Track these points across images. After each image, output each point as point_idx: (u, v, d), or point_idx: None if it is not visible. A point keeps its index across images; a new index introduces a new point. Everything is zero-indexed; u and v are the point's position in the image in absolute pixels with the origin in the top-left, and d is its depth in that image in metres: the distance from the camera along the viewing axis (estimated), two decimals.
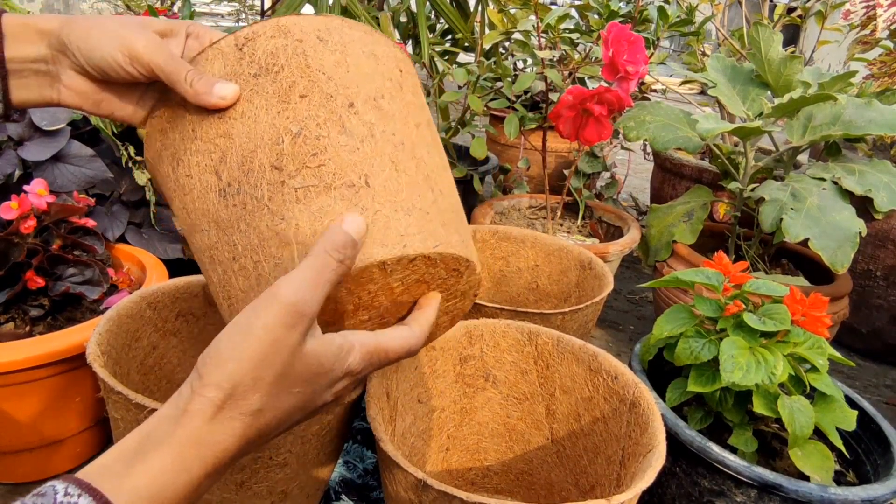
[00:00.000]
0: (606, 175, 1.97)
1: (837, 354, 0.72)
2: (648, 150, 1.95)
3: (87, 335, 0.73)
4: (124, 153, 1.07)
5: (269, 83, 0.43)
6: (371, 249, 0.40)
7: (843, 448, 0.70)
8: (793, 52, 1.23)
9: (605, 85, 1.09)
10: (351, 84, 0.44)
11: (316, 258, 0.36)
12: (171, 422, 0.32)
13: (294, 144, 0.41)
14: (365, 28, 0.47)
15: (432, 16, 1.80)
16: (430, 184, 0.45)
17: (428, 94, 1.44)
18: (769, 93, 1.19)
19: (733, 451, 0.70)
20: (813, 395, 0.72)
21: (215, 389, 0.32)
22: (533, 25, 1.33)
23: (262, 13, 1.81)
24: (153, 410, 0.53)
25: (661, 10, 1.33)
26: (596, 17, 1.38)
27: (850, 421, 0.71)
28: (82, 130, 1.08)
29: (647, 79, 1.72)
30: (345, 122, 0.42)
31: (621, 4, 1.43)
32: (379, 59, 0.47)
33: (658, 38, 1.36)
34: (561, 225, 1.47)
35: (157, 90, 0.48)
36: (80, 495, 0.29)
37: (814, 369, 0.71)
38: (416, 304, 0.46)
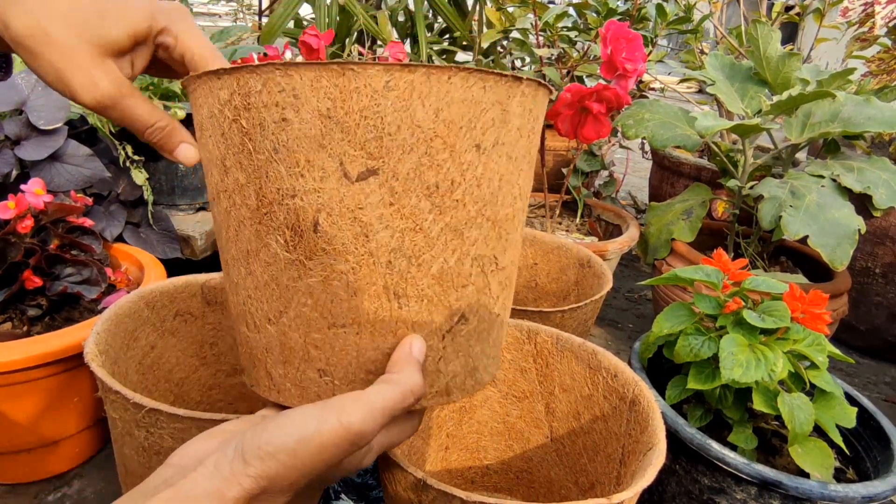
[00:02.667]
0: (605, 173, 1.97)
1: (837, 351, 0.72)
2: (647, 148, 1.95)
3: (85, 335, 0.73)
4: (122, 152, 1.06)
5: None
6: (423, 396, 0.38)
7: (843, 445, 0.70)
8: (791, 50, 1.23)
9: (604, 83, 1.09)
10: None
11: (396, 391, 0.34)
12: (208, 501, 0.32)
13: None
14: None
15: (430, 14, 1.80)
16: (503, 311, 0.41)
17: None
18: (768, 90, 1.19)
19: (733, 448, 0.70)
20: (813, 392, 0.72)
21: (254, 482, 0.32)
22: (531, 24, 1.33)
23: (260, 13, 1.81)
24: (152, 410, 0.53)
25: (659, 7, 1.33)
26: (594, 15, 1.38)
27: (849, 418, 0.71)
28: (80, 130, 1.07)
29: (646, 77, 1.72)
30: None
31: (619, 2, 1.43)
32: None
33: (656, 36, 1.36)
34: (560, 223, 1.47)
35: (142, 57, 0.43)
36: None
37: (813, 366, 0.71)
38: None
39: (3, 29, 0.37)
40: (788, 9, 1.66)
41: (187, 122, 1.12)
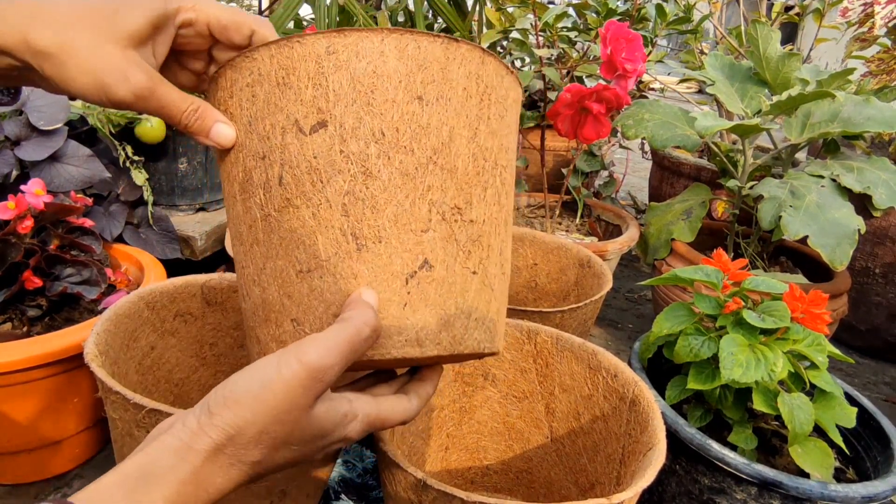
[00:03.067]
0: (605, 173, 1.97)
1: (837, 351, 0.72)
2: (647, 148, 1.95)
3: (85, 335, 0.73)
4: (122, 153, 1.06)
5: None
6: (392, 342, 0.39)
7: (843, 445, 0.70)
8: (791, 50, 1.23)
9: (604, 83, 1.09)
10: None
11: (349, 326, 0.35)
12: (175, 456, 0.32)
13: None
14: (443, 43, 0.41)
15: (430, 15, 1.80)
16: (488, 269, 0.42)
17: None
18: (767, 90, 1.19)
19: (733, 448, 0.70)
20: (813, 392, 0.72)
21: (221, 432, 0.32)
22: (531, 24, 1.33)
23: (260, 13, 1.81)
24: (152, 410, 0.53)
25: (659, 8, 1.33)
26: (594, 15, 1.38)
27: (849, 418, 0.71)
28: (80, 130, 1.07)
29: (646, 77, 1.72)
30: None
31: (619, 3, 1.43)
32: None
33: (656, 36, 1.36)
34: (559, 223, 1.47)
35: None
36: None
37: (813, 366, 0.71)
38: (418, 375, 0.44)
39: (25, 48, 0.37)
40: (788, 9, 1.66)
41: None
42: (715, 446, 0.68)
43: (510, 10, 1.39)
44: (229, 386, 0.34)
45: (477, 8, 1.66)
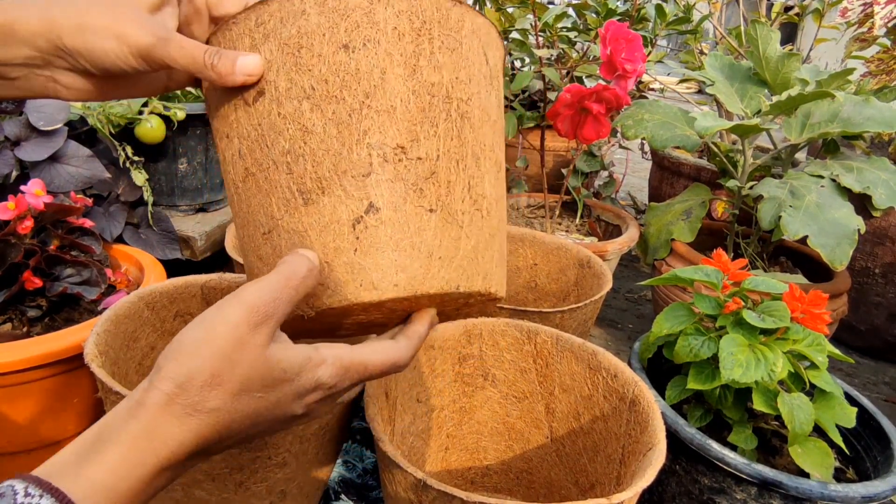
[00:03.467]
0: (605, 174, 1.97)
1: (837, 351, 0.72)
2: (646, 148, 1.95)
3: (84, 336, 0.73)
4: (122, 153, 1.07)
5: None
6: (347, 289, 0.39)
7: (842, 445, 0.70)
8: (790, 50, 1.23)
9: (603, 83, 1.09)
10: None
11: (282, 268, 0.37)
12: (126, 414, 0.32)
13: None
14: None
15: None
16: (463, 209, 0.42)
17: None
18: (767, 91, 1.19)
19: (733, 448, 0.70)
20: (812, 392, 0.72)
21: (170, 382, 0.32)
22: (531, 24, 1.33)
23: None
24: None
25: (658, 8, 1.33)
26: (594, 15, 1.38)
27: (849, 418, 0.71)
28: (80, 131, 1.07)
29: (645, 77, 1.72)
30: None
31: (619, 3, 1.44)
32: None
33: (656, 37, 1.36)
34: (559, 224, 1.47)
35: None
36: (41, 496, 0.28)
37: (813, 366, 0.71)
38: (409, 318, 0.43)
39: (49, 28, 0.39)
40: (788, 9, 1.66)
41: (187, 122, 1.12)
42: (715, 446, 0.68)
43: (510, 10, 1.39)
44: (175, 341, 0.34)
45: (477, 8, 1.66)
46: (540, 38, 1.38)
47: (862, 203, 1.03)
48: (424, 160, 0.40)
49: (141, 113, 1.08)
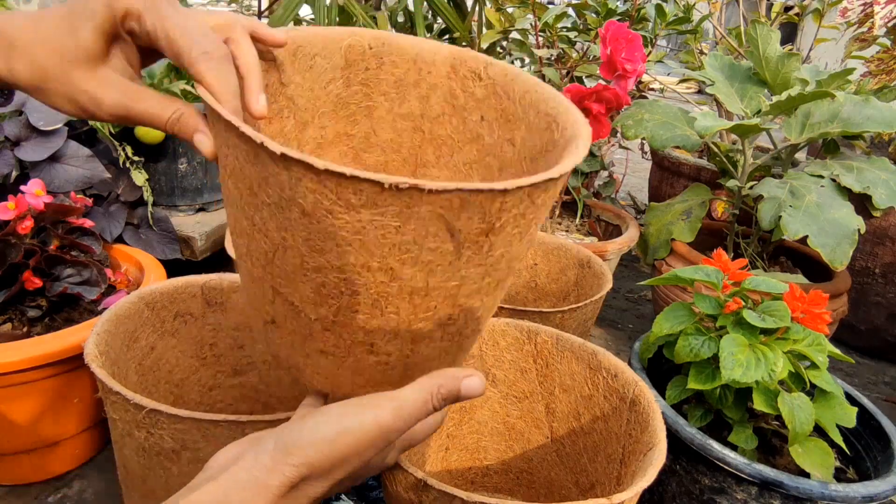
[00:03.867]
0: (605, 174, 1.97)
1: (837, 351, 0.72)
2: (646, 148, 1.95)
3: (85, 336, 0.73)
4: (122, 153, 1.06)
5: None
6: None
7: (843, 445, 0.70)
8: (790, 50, 1.23)
9: (603, 83, 1.09)
10: None
11: (420, 394, 0.37)
12: (249, 491, 0.34)
13: None
14: None
15: (429, 15, 1.80)
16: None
17: None
18: (767, 91, 1.19)
19: (733, 448, 0.70)
20: (813, 391, 0.72)
21: (296, 472, 0.34)
22: (530, 24, 1.33)
23: (260, 14, 1.81)
24: (152, 411, 0.53)
25: (658, 8, 1.33)
26: (593, 15, 1.38)
27: (850, 418, 0.71)
28: (79, 131, 1.07)
29: (645, 77, 1.72)
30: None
31: (619, 3, 1.44)
32: None
33: (656, 37, 1.36)
34: (559, 224, 1.47)
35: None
36: None
37: (813, 366, 0.71)
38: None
39: (10, 77, 0.38)
40: (787, 9, 1.66)
41: None
42: (715, 446, 0.68)
43: (510, 10, 1.39)
44: (305, 429, 0.35)
45: (477, 8, 1.66)
46: (540, 38, 1.38)
47: (862, 203, 1.03)
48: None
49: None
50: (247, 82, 0.39)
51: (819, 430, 0.71)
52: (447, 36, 1.80)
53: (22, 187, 0.83)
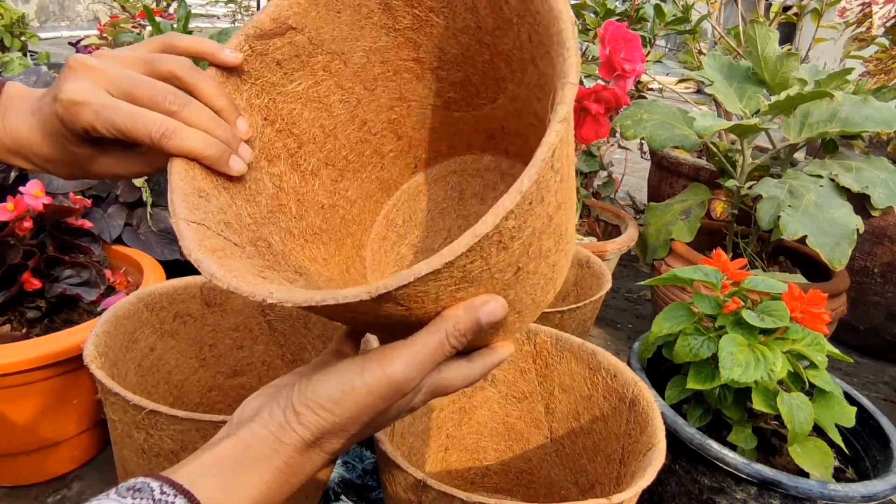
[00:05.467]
0: (604, 174, 1.97)
1: (836, 351, 0.72)
2: (645, 148, 1.95)
3: (84, 337, 0.73)
4: None
5: None
6: None
7: (842, 444, 0.70)
8: (789, 50, 1.23)
9: (602, 83, 1.09)
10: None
11: (433, 337, 0.36)
12: (268, 446, 0.36)
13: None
14: None
15: None
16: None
17: None
18: (766, 90, 1.19)
19: (733, 448, 0.70)
20: (812, 391, 0.72)
21: (309, 431, 0.36)
22: None
23: None
24: (151, 411, 0.53)
25: (657, 8, 1.33)
26: (592, 15, 1.38)
27: (849, 417, 0.71)
28: None
29: (644, 77, 1.72)
30: None
31: (618, 3, 1.44)
32: None
33: (654, 37, 1.36)
34: None
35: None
36: (175, 496, 0.32)
37: (812, 366, 0.71)
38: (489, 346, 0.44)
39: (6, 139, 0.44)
40: (786, 9, 1.66)
41: None
42: (715, 446, 0.68)
43: None
44: (313, 389, 0.36)
45: None
46: None
47: (861, 202, 1.03)
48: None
49: None
50: (217, 102, 0.42)
51: (818, 430, 0.71)
52: None
53: (21, 188, 0.83)
